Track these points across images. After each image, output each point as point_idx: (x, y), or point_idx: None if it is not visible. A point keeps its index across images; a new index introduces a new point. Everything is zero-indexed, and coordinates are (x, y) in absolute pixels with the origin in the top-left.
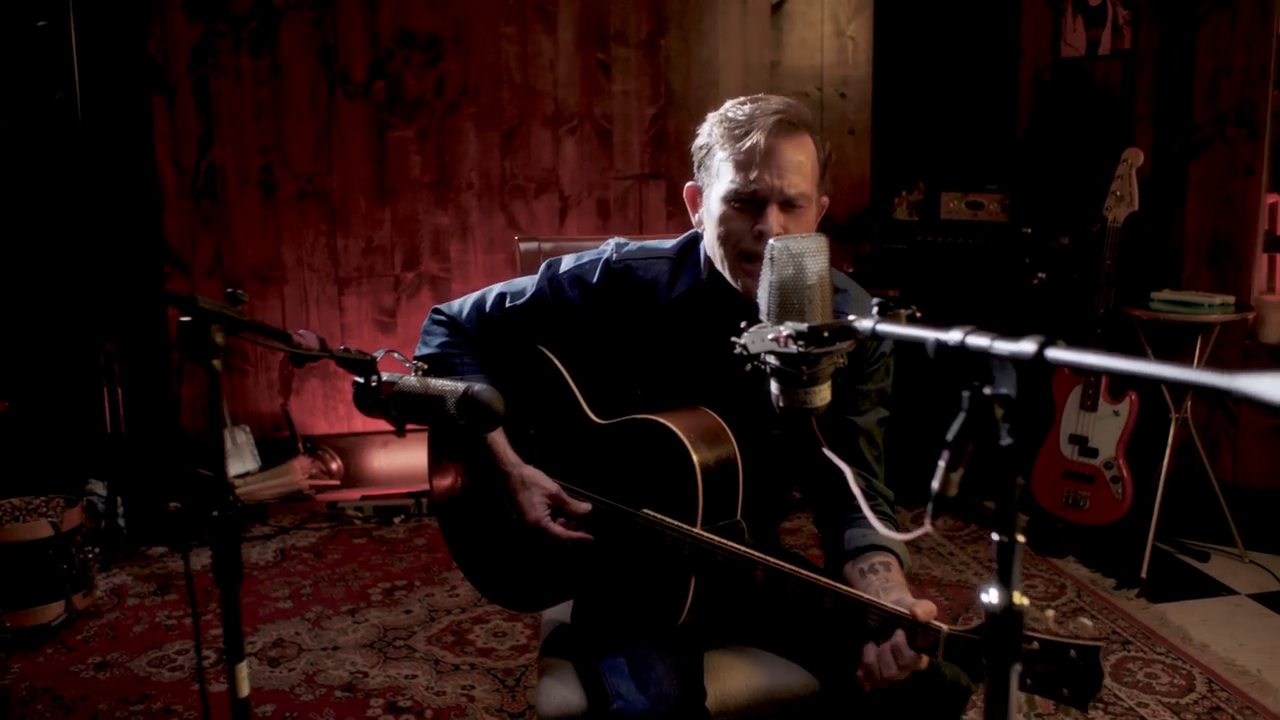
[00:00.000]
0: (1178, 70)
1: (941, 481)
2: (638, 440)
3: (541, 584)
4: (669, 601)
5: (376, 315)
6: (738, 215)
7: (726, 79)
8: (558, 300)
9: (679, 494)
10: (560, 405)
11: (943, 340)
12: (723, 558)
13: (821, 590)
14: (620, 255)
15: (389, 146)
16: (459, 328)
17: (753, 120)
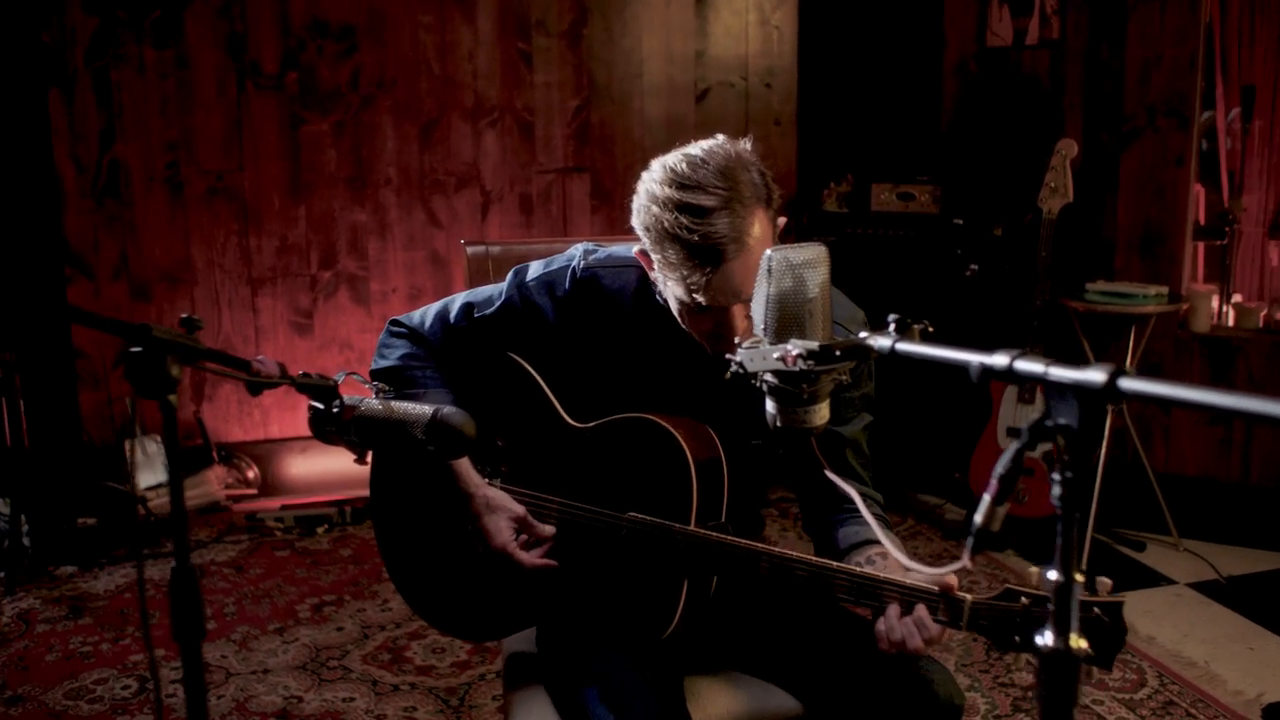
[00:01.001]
0: (1108, 60)
1: (986, 516)
2: (623, 440)
3: (502, 612)
4: (657, 611)
5: (292, 317)
6: (699, 316)
7: (650, 69)
8: (528, 307)
9: (670, 492)
10: (534, 412)
11: (988, 365)
12: (723, 553)
13: (833, 574)
14: (587, 263)
15: (303, 141)
16: (421, 339)
17: (697, 250)
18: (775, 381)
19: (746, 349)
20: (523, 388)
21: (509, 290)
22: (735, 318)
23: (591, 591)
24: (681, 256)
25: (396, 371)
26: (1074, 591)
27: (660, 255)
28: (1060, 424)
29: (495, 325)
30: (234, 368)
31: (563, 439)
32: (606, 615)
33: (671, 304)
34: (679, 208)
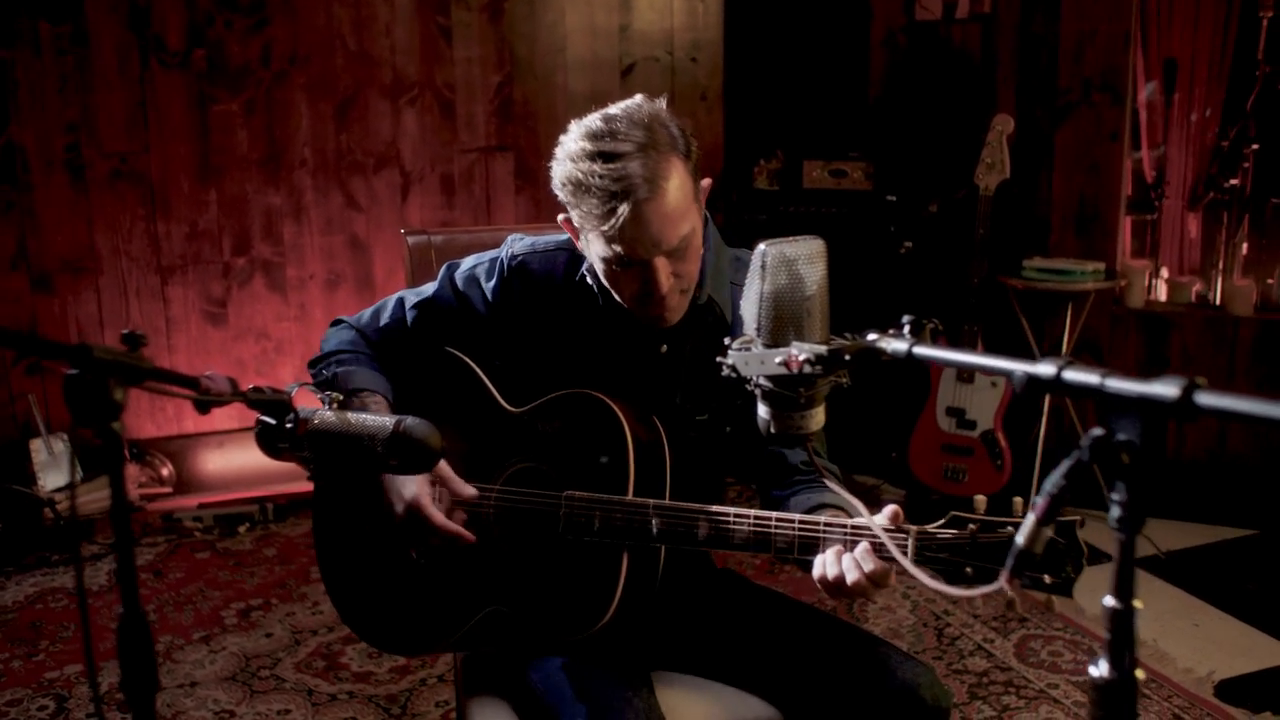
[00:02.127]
0: (1042, 34)
1: (1030, 537)
2: (559, 417)
3: (439, 616)
4: (596, 595)
5: (205, 306)
6: (622, 275)
7: (574, 44)
8: (459, 299)
9: (607, 465)
10: (473, 402)
11: (1034, 376)
12: (661, 521)
13: (771, 525)
14: (514, 251)
15: (212, 121)
16: (358, 331)
17: (613, 195)
18: (770, 386)
19: (738, 350)
20: (461, 380)
21: (440, 283)
22: (660, 273)
23: (531, 583)
24: (596, 204)
25: (330, 356)
26: (1134, 619)
27: (578, 210)
28: (1121, 440)
29: (428, 318)
30: (182, 387)
31: (502, 426)
32: (546, 606)
33: (598, 268)
34: (592, 156)
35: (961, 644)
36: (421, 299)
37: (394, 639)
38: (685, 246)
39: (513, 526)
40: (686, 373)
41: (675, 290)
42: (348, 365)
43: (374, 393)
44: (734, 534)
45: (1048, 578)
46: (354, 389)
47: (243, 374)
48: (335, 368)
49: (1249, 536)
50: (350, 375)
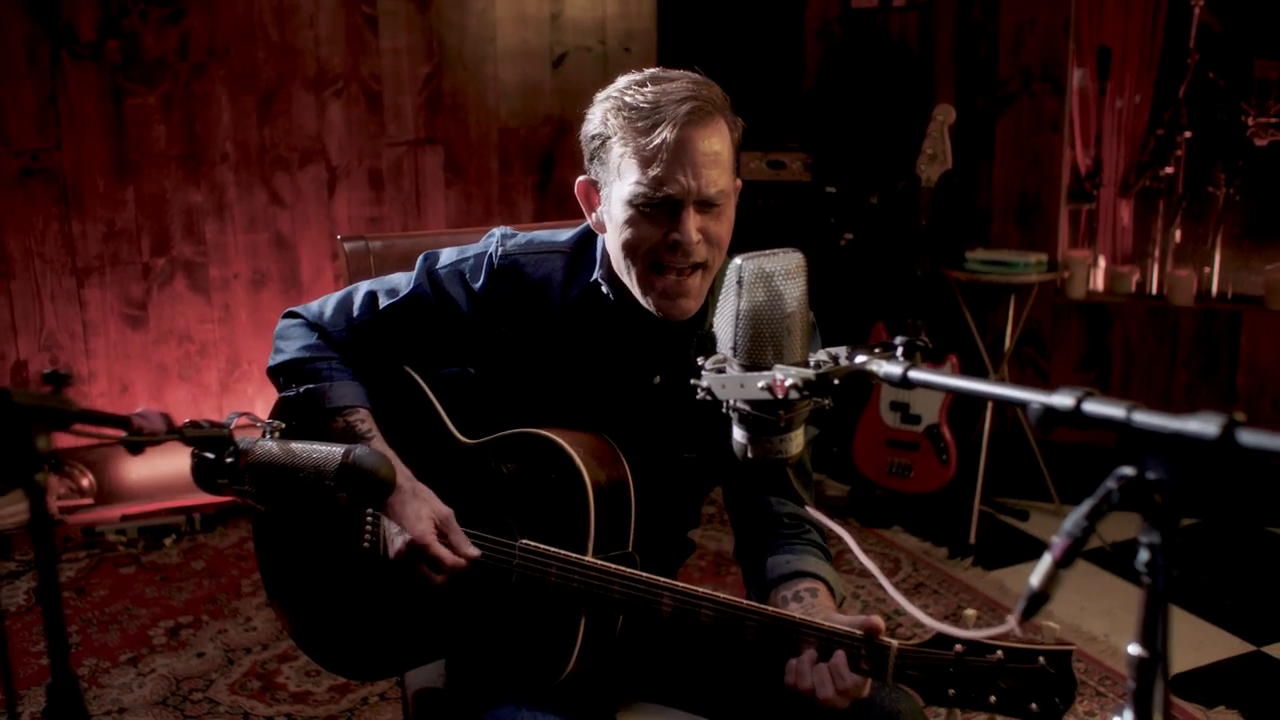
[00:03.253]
0: (981, 24)
1: (1045, 579)
2: (514, 458)
3: (397, 642)
4: (553, 650)
5: (124, 309)
6: (646, 221)
7: (504, 33)
8: (440, 298)
9: (565, 518)
10: (420, 427)
11: (1051, 408)
12: (621, 589)
13: (743, 616)
14: (506, 249)
15: (128, 116)
16: (322, 330)
17: (659, 108)
18: (748, 409)
19: (713, 371)
20: (411, 400)
21: (418, 278)
22: (688, 220)
23: (485, 627)
24: (633, 122)
25: (296, 365)
26: (1161, 671)
27: (602, 158)
28: (1153, 479)
29: (402, 317)
30: (112, 427)
31: (453, 458)
32: (501, 654)
33: (615, 233)
34: (641, 83)
35: None
36: (398, 297)
37: (344, 665)
38: (720, 205)
39: (464, 569)
40: (679, 408)
41: (700, 250)
42: (322, 379)
43: (356, 408)
44: (700, 615)
45: (1034, 705)
46: (335, 407)
47: (165, 378)
48: (308, 383)
49: (1189, 526)
50: (326, 392)
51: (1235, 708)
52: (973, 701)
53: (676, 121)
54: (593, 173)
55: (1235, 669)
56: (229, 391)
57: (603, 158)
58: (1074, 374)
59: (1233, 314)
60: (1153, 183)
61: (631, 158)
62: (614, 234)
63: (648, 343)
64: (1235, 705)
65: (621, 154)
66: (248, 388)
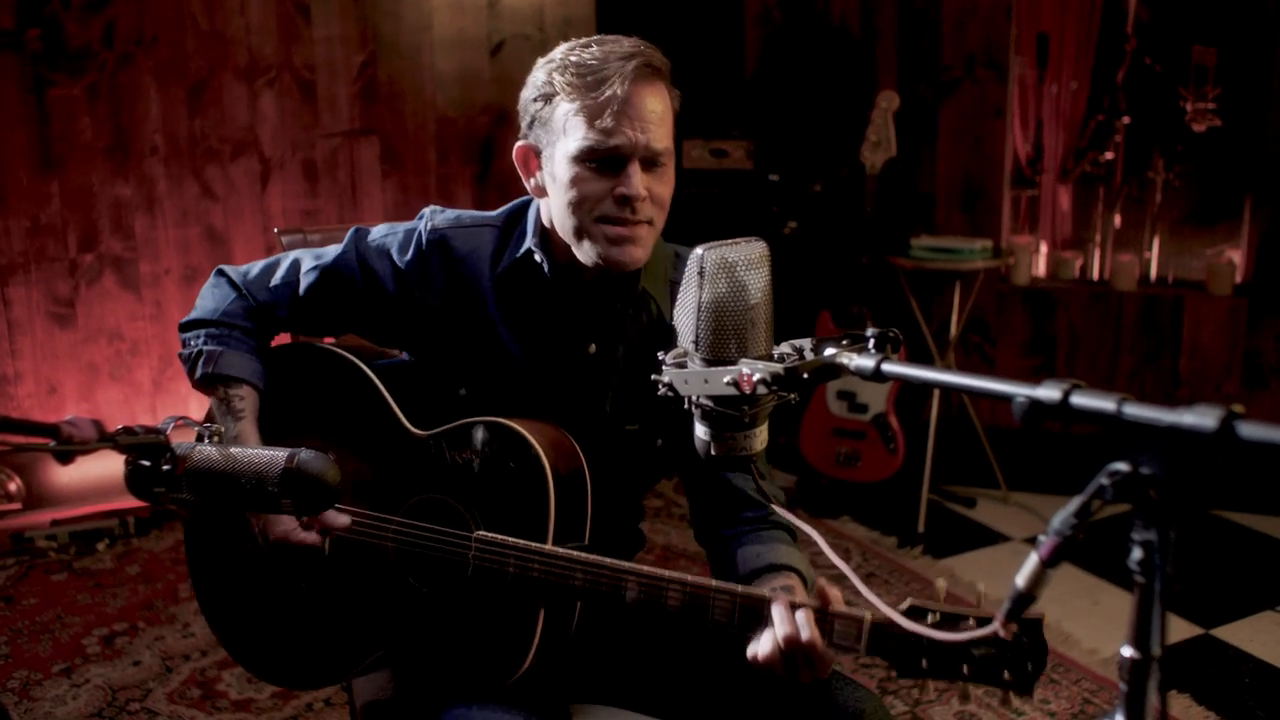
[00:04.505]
0: (924, 10)
1: (1030, 580)
2: (470, 447)
3: (343, 647)
4: (510, 645)
5: (51, 307)
6: (594, 176)
7: (441, 21)
8: (364, 272)
9: (525, 507)
10: (366, 418)
11: (1037, 401)
12: (584, 576)
13: (710, 596)
14: (436, 224)
15: (51, 107)
16: (244, 294)
17: (606, 64)
18: (711, 405)
19: (673, 366)
20: (351, 388)
21: (345, 249)
22: (635, 176)
23: (437, 626)
24: (580, 78)
25: (203, 324)
26: (1153, 671)
27: (545, 120)
28: (1148, 475)
29: (326, 287)
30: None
31: (405, 450)
32: (453, 653)
33: (559, 193)
34: (587, 44)
35: None
36: (321, 264)
37: (281, 672)
38: (664, 164)
39: (415, 564)
40: (617, 378)
41: (646, 208)
42: (218, 343)
43: (240, 383)
44: (667, 599)
45: (1007, 674)
46: (217, 374)
47: (95, 378)
48: (206, 344)
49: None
50: (217, 357)
51: (1186, 691)
52: (946, 671)
53: (625, 76)
54: (532, 137)
55: (1186, 652)
56: (162, 391)
57: (545, 119)
58: (1019, 360)
59: (1175, 299)
60: (1092, 169)
61: (579, 114)
62: (559, 194)
63: (581, 312)
64: (1186, 688)
65: (568, 110)
66: (182, 387)
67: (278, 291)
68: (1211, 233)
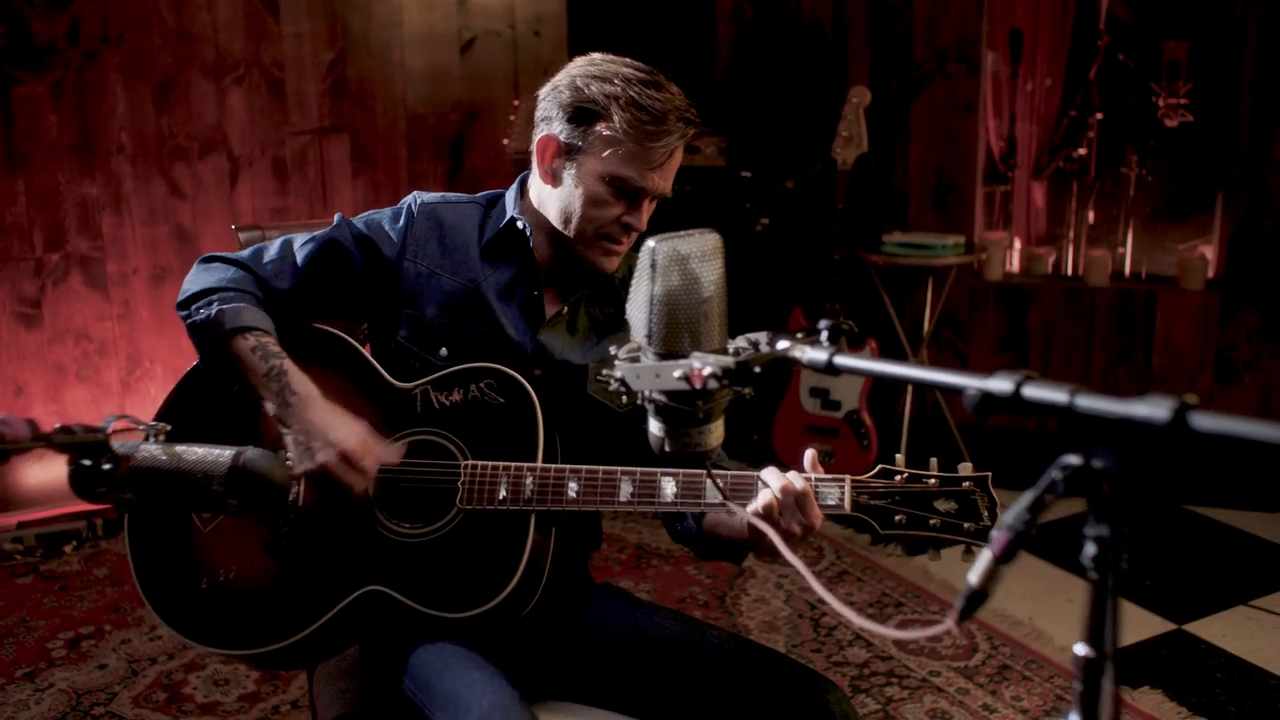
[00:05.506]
0: (895, 5)
1: (984, 576)
2: (455, 389)
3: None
4: (495, 569)
5: (17, 307)
6: (612, 200)
7: (410, 17)
8: (361, 244)
9: (512, 434)
10: (351, 376)
11: (989, 393)
12: (579, 485)
13: (703, 482)
14: (425, 200)
15: (16, 105)
16: (243, 267)
17: (666, 118)
18: (665, 400)
19: (626, 361)
20: (337, 353)
21: (336, 226)
22: (645, 213)
23: (420, 559)
24: (643, 123)
25: (207, 293)
26: (1107, 670)
27: (609, 123)
28: (1100, 468)
29: (324, 259)
30: None
31: (389, 400)
32: (438, 582)
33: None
34: (642, 82)
35: (839, 634)
36: (317, 238)
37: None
38: (657, 201)
39: (397, 501)
40: (591, 344)
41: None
42: (237, 302)
43: (262, 331)
44: (660, 491)
45: (968, 524)
46: (243, 325)
47: (63, 379)
48: (223, 304)
49: None
50: (240, 312)
51: (1159, 687)
52: (919, 523)
53: (678, 141)
54: (562, 132)
55: (1159, 648)
56: (131, 391)
57: (588, 125)
58: (992, 356)
59: (1148, 294)
60: (1065, 164)
61: (626, 149)
62: (571, 196)
63: (557, 281)
64: (1159, 684)
65: (615, 138)
66: (150, 387)
67: (276, 265)
68: (1184, 228)
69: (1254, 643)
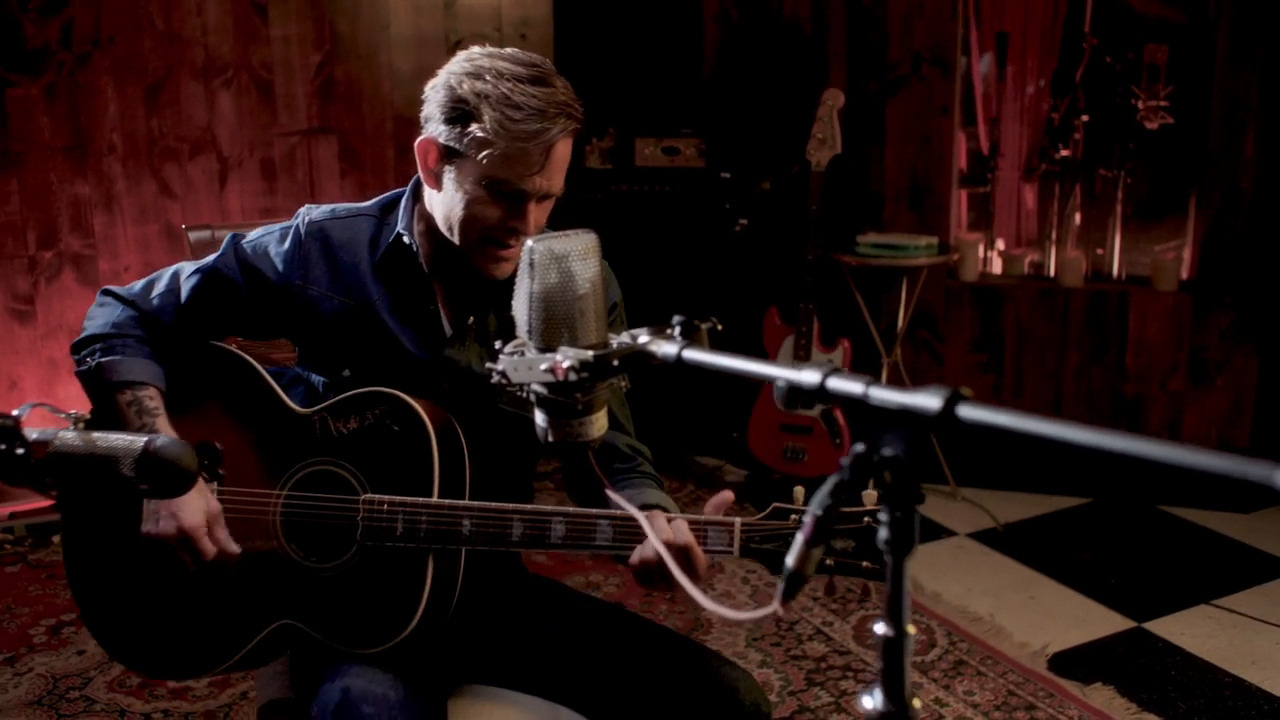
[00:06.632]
0: (870, 8)
1: (799, 559)
2: (352, 416)
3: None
4: (398, 604)
5: (11, 304)
6: (493, 203)
7: (398, 20)
8: (245, 272)
9: (409, 465)
10: (252, 400)
11: (795, 382)
12: (472, 523)
13: (594, 521)
14: (313, 218)
15: (10, 106)
16: (130, 304)
17: (544, 116)
18: (545, 392)
19: (509, 355)
20: (237, 376)
21: (223, 252)
22: (531, 214)
23: (327, 594)
24: (514, 122)
25: (95, 340)
26: (907, 647)
27: (482, 124)
28: (887, 456)
29: (209, 291)
30: None
31: (288, 427)
32: (345, 617)
33: (457, 199)
34: (515, 77)
35: (800, 628)
36: (202, 269)
37: (167, 663)
38: (552, 199)
39: (303, 534)
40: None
41: (531, 234)
42: (115, 354)
43: (144, 385)
44: (551, 532)
45: (865, 564)
46: (121, 381)
47: (55, 374)
48: (100, 356)
49: (1083, 505)
50: (116, 365)
51: (1112, 683)
52: None
53: (552, 141)
54: (440, 134)
55: (1117, 645)
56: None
57: (462, 127)
58: (967, 356)
59: (1121, 294)
60: (1049, 166)
61: (501, 150)
62: (453, 200)
63: (454, 289)
64: (1112, 681)
65: (488, 139)
66: None
67: (162, 299)
68: (1163, 229)
69: (1212, 641)
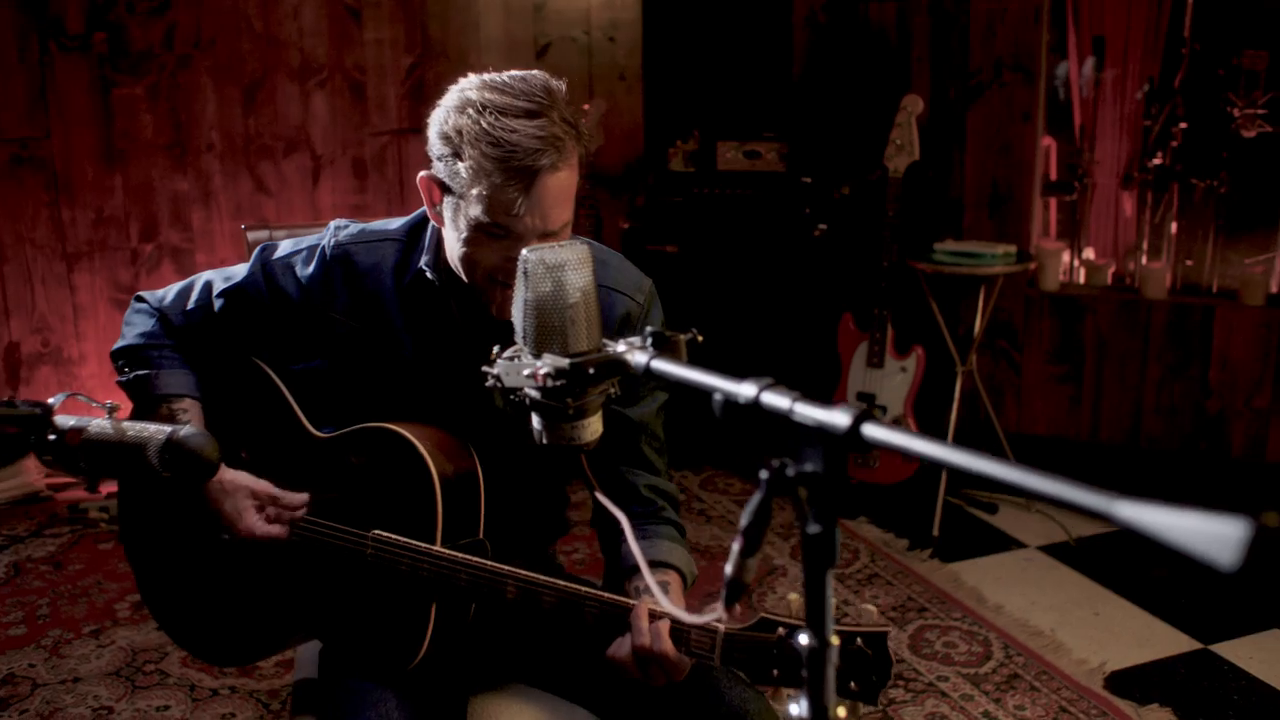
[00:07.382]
0: (953, 13)
1: (736, 568)
2: (365, 452)
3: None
4: (406, 636)
5: (113, 293)
6: (488, 243)
7: (488, 23)
8: (271, 289)
9: (414, 510)
10: (274, 421)
11: (732, 395)
12: (468, 577)
13: (581, 600)
14: (338, 239)
15: (115, 105)
16: (163, 316)
17: (526, 152)
18: (537, 396)
19: (506, 360)
20: (263, 393)
21: (252, 267)
22: None
23: (340, 615)
24: (492, 161)
25: (133, 350)
26: (829, 656)
27: (465, 163)
28: (805, 472)
29: (236, 307)
30: None
31: (306, 451)
32: (360, 642)
33: (458, 235)
34: (499, 110)
35: None
36: (230, 286)
37: (214, 651)
38: (559, 234)
39: (318, 557)
40: None
41: None
42: (153, 367)
43: (182, 397)
44: (542, 600)
45: (853, 684)
46: (161, 395)
47: None
48: (139, 369)
49: None
50: (155, 379)
51: (1169, 705)
52: (795, 680)
53: (540, 172)
54: (438, 172)
55: (1179, 666)
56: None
57: (453, 167)
58: (1046, 366)
59: (1205, 308)
60: (1141, 174)
61: (486, 189)
62: (453, 240)
63: (477, 318)
64: (1169, 703)
65: (475, 175)
66: None
67: (193, 314)
68: (1250, 241)
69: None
